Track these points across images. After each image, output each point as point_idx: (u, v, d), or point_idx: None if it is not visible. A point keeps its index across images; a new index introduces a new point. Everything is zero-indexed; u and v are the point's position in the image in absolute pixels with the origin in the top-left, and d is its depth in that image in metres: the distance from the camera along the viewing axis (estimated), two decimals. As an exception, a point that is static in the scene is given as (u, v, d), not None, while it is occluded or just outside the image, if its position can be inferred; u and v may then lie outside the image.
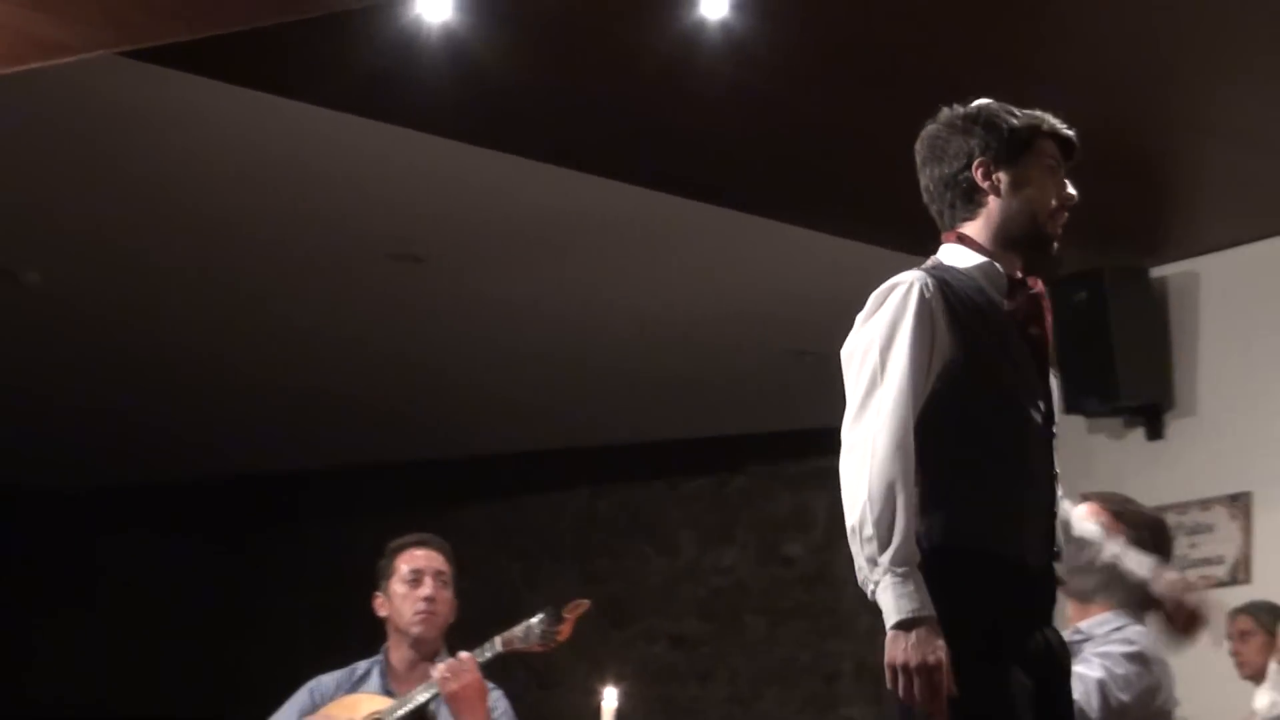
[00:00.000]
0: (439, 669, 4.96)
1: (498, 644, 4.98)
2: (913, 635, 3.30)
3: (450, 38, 5.86)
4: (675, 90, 6.32)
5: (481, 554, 11.36)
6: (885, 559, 3.29)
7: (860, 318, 3.53)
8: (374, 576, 5.31)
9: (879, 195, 7.24)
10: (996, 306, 3.57)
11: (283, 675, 5.61)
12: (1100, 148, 6.68)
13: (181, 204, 7.46)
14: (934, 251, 8.38)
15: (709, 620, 10.89)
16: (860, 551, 3.32)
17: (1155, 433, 7.92)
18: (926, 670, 3.29)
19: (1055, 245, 3.65)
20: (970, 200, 3.61)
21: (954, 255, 3.62)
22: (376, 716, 5.05)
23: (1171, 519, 7.69)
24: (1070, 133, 3.66)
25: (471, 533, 11.49)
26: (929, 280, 3.50)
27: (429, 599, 5.17)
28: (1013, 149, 3.59)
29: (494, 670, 5.06)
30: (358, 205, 7.43)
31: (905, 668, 3.31)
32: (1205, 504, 7.68)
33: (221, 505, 11.97)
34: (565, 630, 4.95)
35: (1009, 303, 3.59)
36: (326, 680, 5.28)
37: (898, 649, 3.32)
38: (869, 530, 3.30)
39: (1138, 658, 4.34)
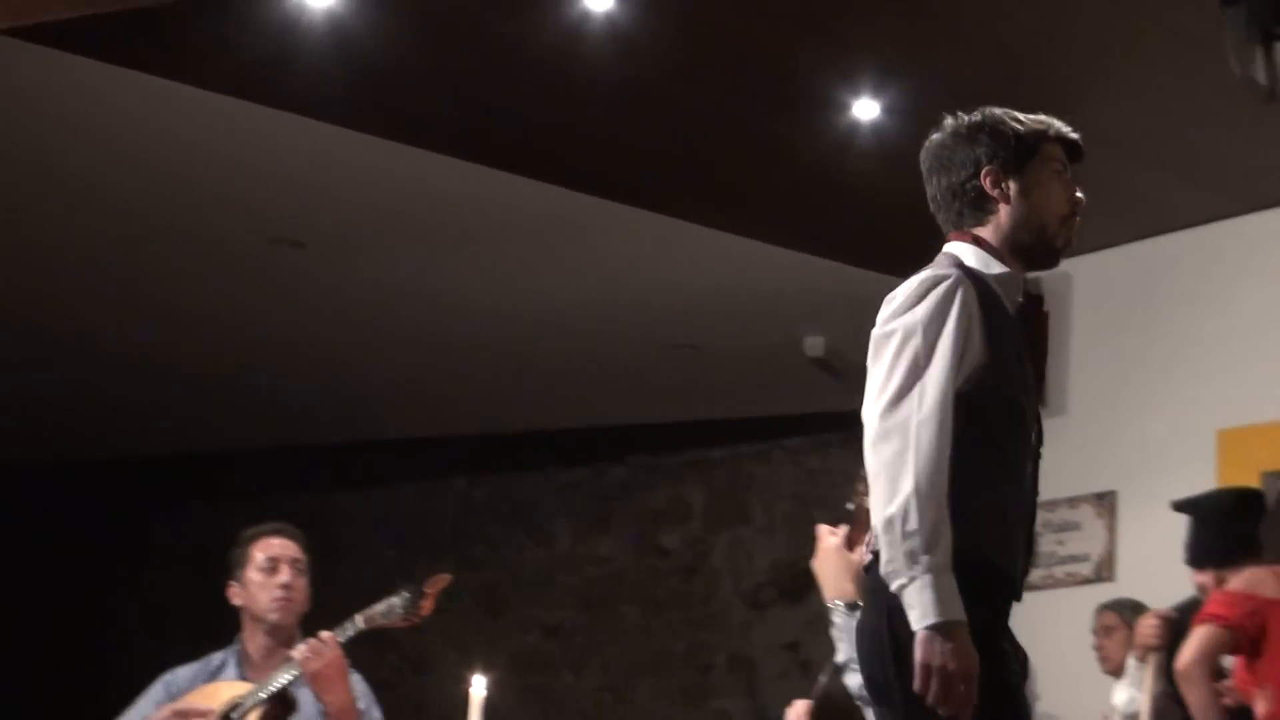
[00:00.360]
0: (300, 649, 4.97)
1: (359, 621, 4.99)
2: (950, 640, 3.28)
3: (335, 23, 5.85)
4: (560, 82, 6.33)
5: (357, 540, 11.35)
6: (929, 559, 3.27)
7: (898, 304, 3.50)
8: (228, 566, 5.33)
9: (763, 191, 7.33)
10: (1011, 317, 3.56)
11: (154, 658, 5.60)
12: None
13: (64, 184, 7.40)
14: (816, 249, 8.44)
15: (584, 610, 10.92)
16: (898, 543, 3.28)
17: (1028, 431, 8.00)
18: (962, 677, 3.28)
19: (1061, 253, 3.63)
20: (979, 208, 3.61)
21: (972, 257, 3.59)
22: (237, 702, 5.05)
23: (1041, 516, 7.78)
24: (1076, 136, 3.68)
25: (348, 518, 11.47)
26: (968, 282, 3.48)
27: (286, 586, 5.18)
28: (1020, 156, 3.60)
29: (368, 656, 5.07)
30: (239, 189, 7.40)
31: (942, 671, 3.28)
32: (1073, 502, 7.77)
33: (98, 486, 11.86)
34: (427, 606, 4.96)
35: (1020, 313, 3.59)
36: (182, 673, 5.28)
37: (933, 651, 3.28)
38: (913, 524, 3.27)
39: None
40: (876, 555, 3.40)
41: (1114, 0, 5.55)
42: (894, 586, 3.31)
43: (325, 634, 4.97)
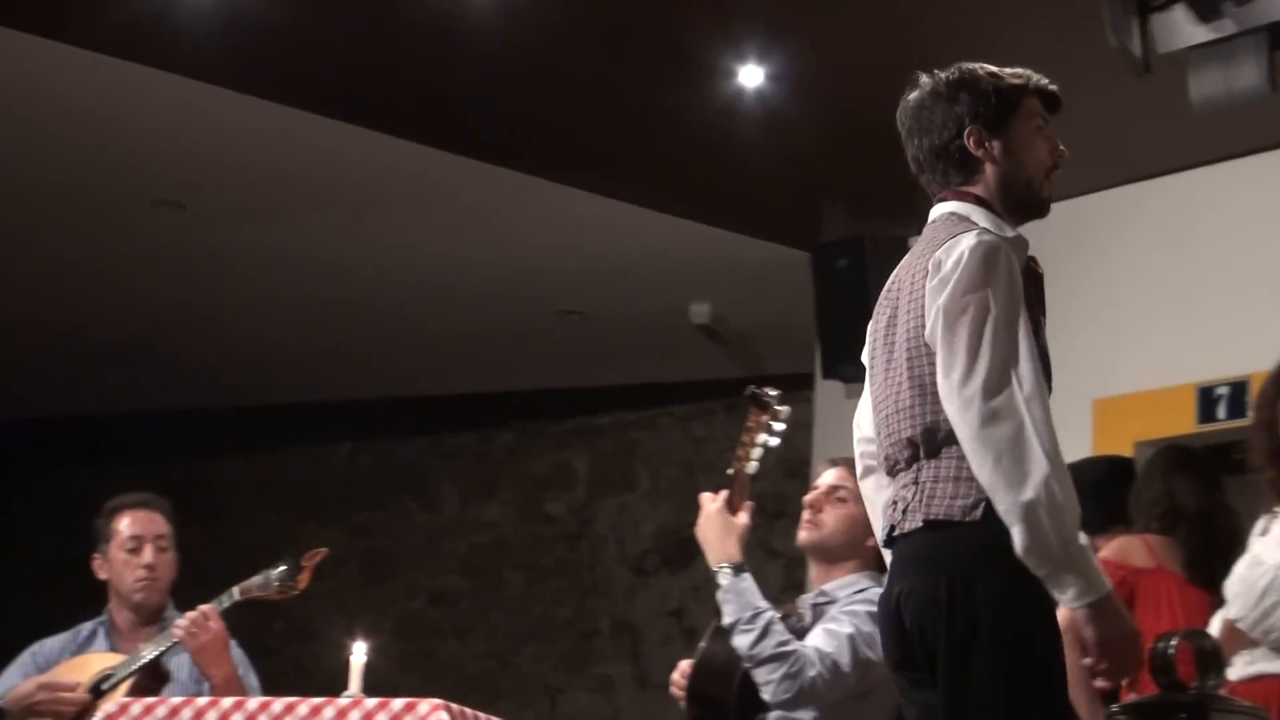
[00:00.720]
0: (181, 623, 4.96)
1: (235, 593, 4.99)
2: (1115, 609, 3.31)
3: (216, -18, 5.81)
4: (444, 44, 6.31)
5: (242, 506, 11.27)
6: (1081, 536, 3.26)
7: (962, 274, 3.39)
8: (91, 536, 5.29)
9: (649, 158, 7.33)
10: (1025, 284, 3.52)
11: (35, 626, 5.55)
12: (862, 119, 6.85)
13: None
14: (702, 216, 8.42)
15: (469, 576, 10.90)
16: (1045, 527, 3.24)
17: (910, 399, 8.04)
18: (1134, 639, 3.33)
19: (1049, 204, 3.63)
20: (964, 167, 3.57)
21: (987, 220, 3.52)
22: (108, 672, 5.02)
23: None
24: (1054, 88, 3.67)
25: (233, 484, 11.39)
26: (1013, 255, 3.44)
27: (149, 566, 5.17)
28: (1001, 112, 3.57)
29: (253, 622, 5.06)
30: (120, 150, 7.33)
31: (1120, 640, 3.31)
32: (954, 470, 7.81)
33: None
34: (304, 579, 4.97)
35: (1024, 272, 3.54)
36: (50, 644, 5.25)
37: (1110, 626, 3.29)
38: (1058, 507, 3.24)
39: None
40: (931, 524, 3.38)
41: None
42: (1045, 571, 3.27)
43: (206, 608, 4.95)
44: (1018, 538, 3.26)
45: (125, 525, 5.20)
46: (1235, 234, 7.12)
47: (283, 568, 4.95)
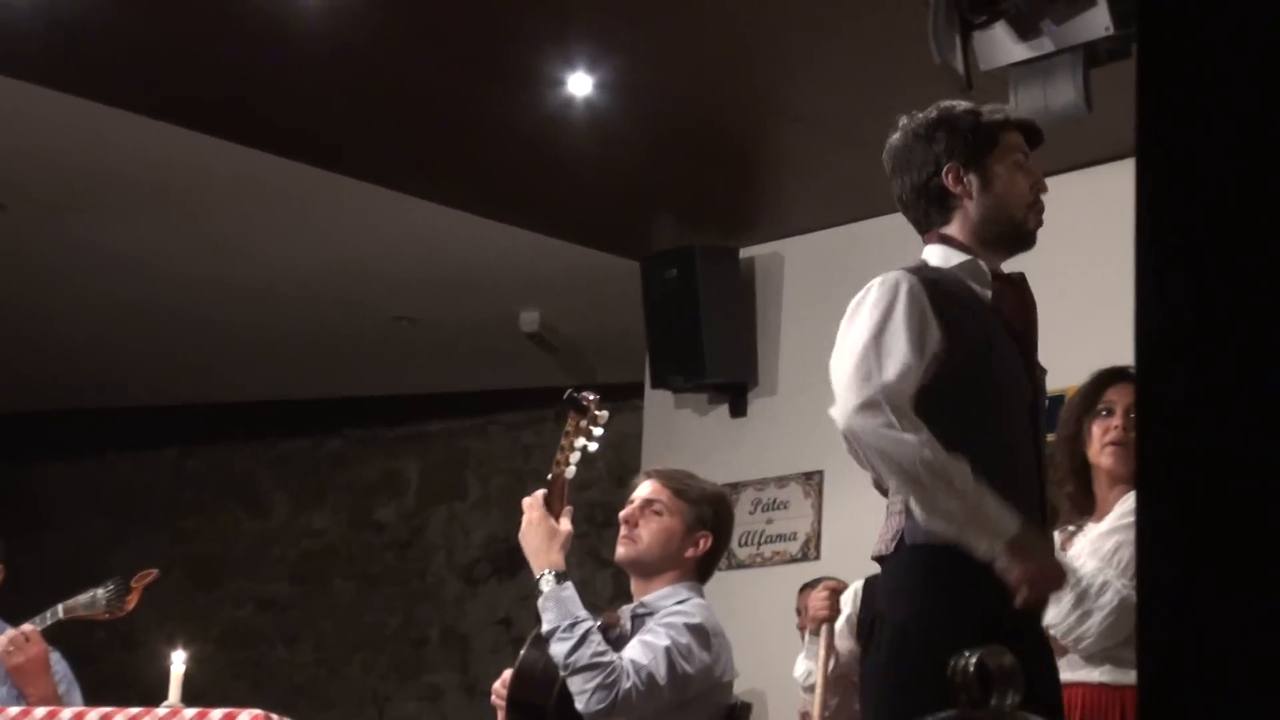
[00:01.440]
0: (1, 641, 4.88)
1: (59, 611, 4.92)
2: (1025, 547, 3.40)
3: (37, -22, 5.71)
4: (272, 45, 6.24)
5: (67, 510, 11.11)
6: (974, 488, 3.39)
7: (845, 321, 3.60)
8: None
9: (479, 165, 7.31)
10: (981, 301, 3.61)
11: None
12: (691, 130, 6.88)
13: None
14: (531, 224, 8.44)
15: (298, 583, 10.82)
16: (936, 494, 3.37)
17: (738, 410, 8.08)
18: (1056, 569, 3.54)
19: (1035, 235, 3.69)
20: (944, 205, 3.65)
21: (936, 255, 3.65)
22: None
23: (751, 495, 7.91)
24: (1034, 121, 3.73)
25: (57, 488, 11.22)
26: (913, 278, 3.53)
27: None
28: (979, 149, 3.63)
29: (75, 630, 4.99)
30: (-64, 148, 7.19)
31: (1040, 573, 3.44)
32: (781, 481, 7.87)
33: None
34: (132, 600, 4.91)
35: (993, 297, 3.64)
36: None
37: (1024, 564, 3.39)
38: (936, 469, 3.37)
39: (698, 630, 4.44)
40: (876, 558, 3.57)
41: (819, -18, 5.63)
42: (952, 535, 3.39)
43: (27, 627, 4.88)
44: (919, 517, 3.41)
45: None
46: (1053, 250, 7.21)
47: (111, 587, 4.89)
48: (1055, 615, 4.06)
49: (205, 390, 10.55)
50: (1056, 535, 4.23)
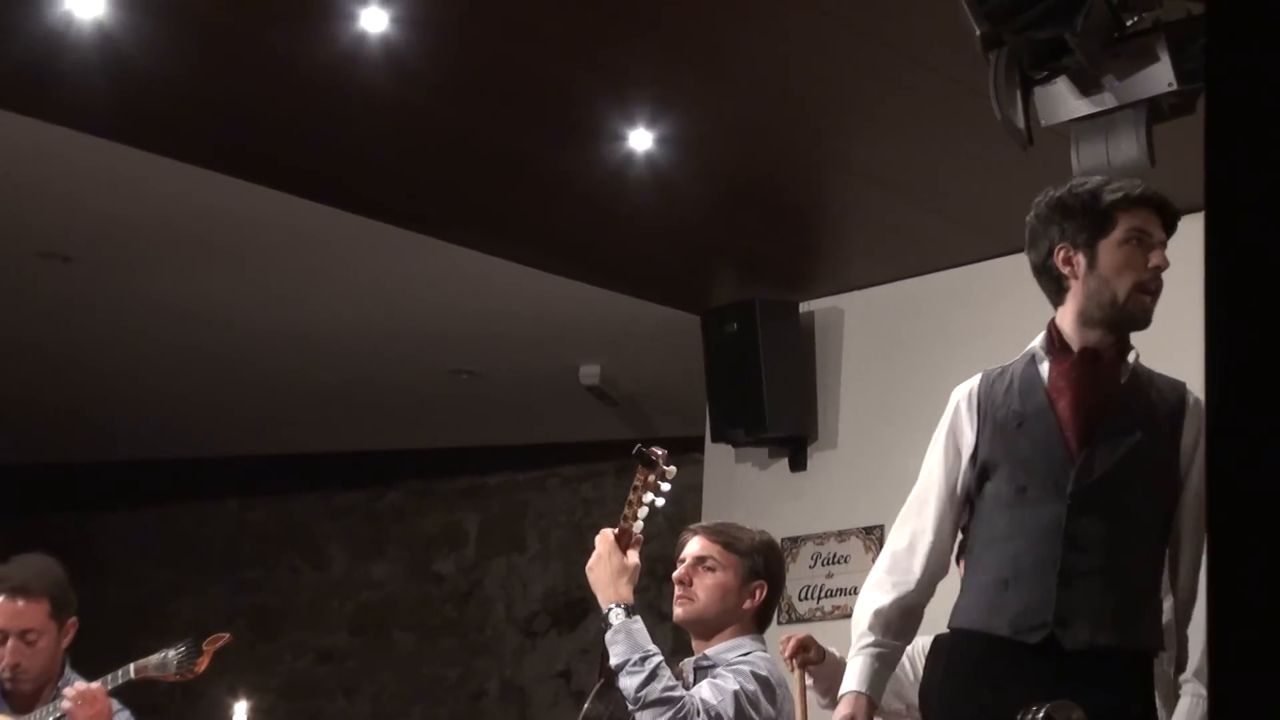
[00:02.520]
0: (69, 693, 4.91)
1: (130, 671, 4.95)
2: None
3: (104, 34, 5.74)
4: (336, 102, 6.27)
5: (129, 561, 11.15)
6: (865, 634, 3.79)
7: None
8: None
9: (540, 219, 7.33)
10: (1036, 387, 3.71)
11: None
12: (752, 184, 6.90)
13: None
14: (592, 278, 8.44)
15: (357, 635, 10.83)
16: None
17: (798, 464, 8.07)
18: None
19: (1147, 317, 3.70)
20: (1059, 286, 3.71)
21: (1039, 342, 3.79)
22: None
23: (811, 549, 7.89)
24: (1160, 198, 3.71)
25: (119, 539, 11.27)
26: (975, 384, 3.78)
27: (14, 666, 5.08)
28: (1091, 231, 3.67)
29: (136, 682, 5.01)
30: (4, 201, 7.24)
31: None
32: (842, 535, 7.85)
33: None
34: (203, 662, 4.94)
35: (1049, 378, 3.71)
36: None
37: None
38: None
39: (765, 682, 4.45)
40: None
41: (879, 38, 5.62)
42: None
43: (95, 686, 4.91)
44: None
45: None
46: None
47: (182, 649, 4.91)
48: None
49: (266, 442, 10.59)
50: None
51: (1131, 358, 3.72)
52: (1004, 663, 3.55)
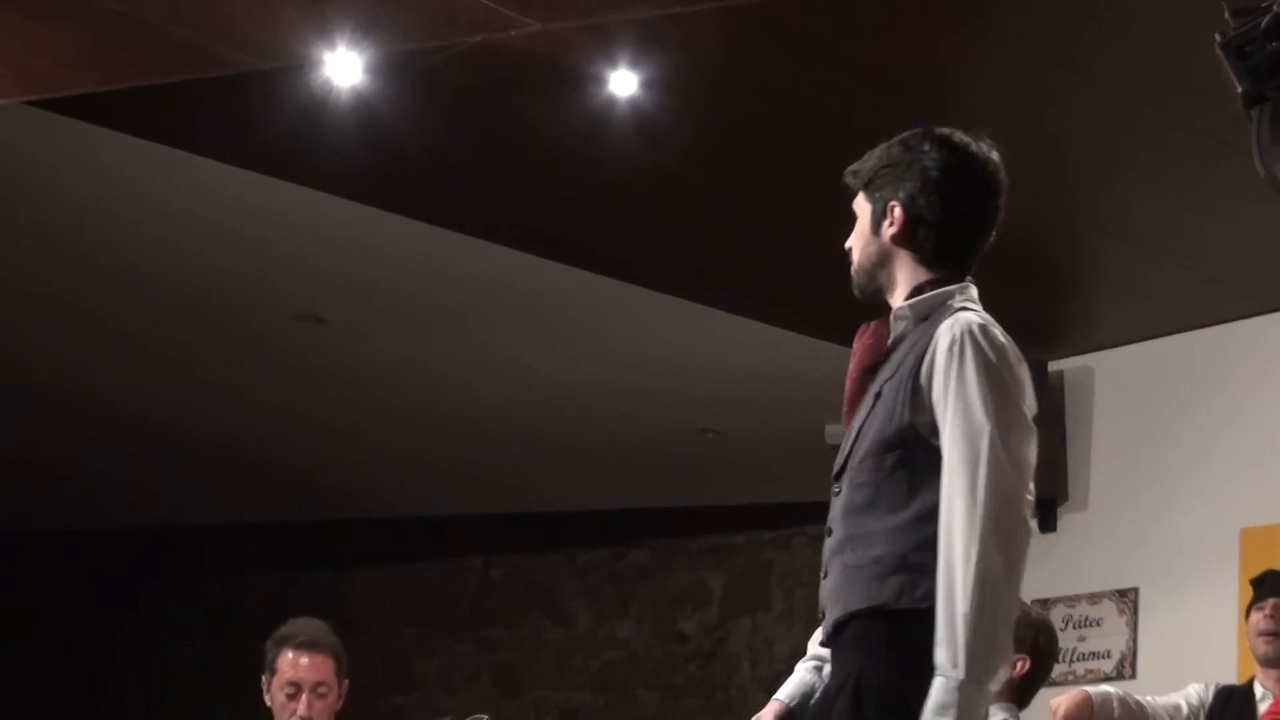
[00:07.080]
0: None
1: None
2: None
3: (361, 102, 5.87)
4: (584, 165, 6.34)
5: (375, 618, 11.31)
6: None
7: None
8: (262, 657, 5.28)
9: (784, 279, 7.32)
10: None
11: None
12: (1000, 242, 6.79)
13: (88, 255, 7.42)
14: (833, 336, 8.39)
15: (601, 693, 10.86)
16: None
17: (1048, 525, 7.94)
18: None
19: None
20: None
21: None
22: None
23: (1061, 611, 7.76)
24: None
25: (366, 596, 11.43)
26: None
27: (305, 718, 5.14)
28: None
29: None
30: (263, 264, 7.42)
31: None
32: (1094, 598, 7.72)
33: (115, 555, 11.84)
34: None
35: None
36: None
37: None
38: None
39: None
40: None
41: (1138, 96, 5.55)
42: None
43: None
44: None
45: (286, 666, 5.12)
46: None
47: None
48: None
49: (510, 500, 10.68)
50: None
51: None
52: None
